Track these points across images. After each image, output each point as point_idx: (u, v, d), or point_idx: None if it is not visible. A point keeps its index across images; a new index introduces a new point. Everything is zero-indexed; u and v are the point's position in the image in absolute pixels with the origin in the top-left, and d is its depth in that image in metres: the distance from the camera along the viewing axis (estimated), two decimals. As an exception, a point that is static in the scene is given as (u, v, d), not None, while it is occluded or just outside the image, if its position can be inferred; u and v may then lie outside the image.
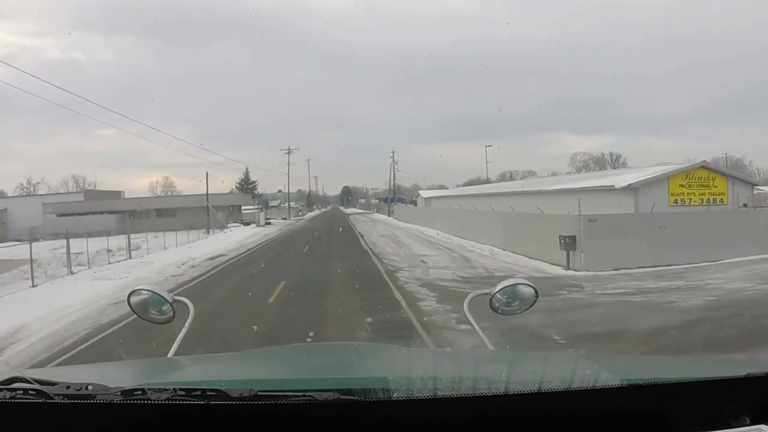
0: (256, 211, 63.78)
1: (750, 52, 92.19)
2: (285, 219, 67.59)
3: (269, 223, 52.98)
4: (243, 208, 63.37)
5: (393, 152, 78.39)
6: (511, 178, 67.26)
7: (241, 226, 47.84)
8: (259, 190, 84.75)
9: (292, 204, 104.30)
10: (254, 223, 50.46)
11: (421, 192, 65.94)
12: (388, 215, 64.69)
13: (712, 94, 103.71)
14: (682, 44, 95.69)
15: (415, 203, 66.82)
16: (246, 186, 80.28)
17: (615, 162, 65.39)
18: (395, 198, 79.28)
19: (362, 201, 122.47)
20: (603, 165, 64.39)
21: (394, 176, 74.78)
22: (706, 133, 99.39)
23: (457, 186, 70.50)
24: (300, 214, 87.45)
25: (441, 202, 49.19)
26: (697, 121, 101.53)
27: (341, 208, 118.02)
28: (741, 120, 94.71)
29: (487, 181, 65.75)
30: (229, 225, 46.57)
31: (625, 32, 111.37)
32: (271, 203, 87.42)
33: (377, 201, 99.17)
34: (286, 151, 78.38)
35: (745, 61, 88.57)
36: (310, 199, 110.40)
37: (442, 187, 72.28)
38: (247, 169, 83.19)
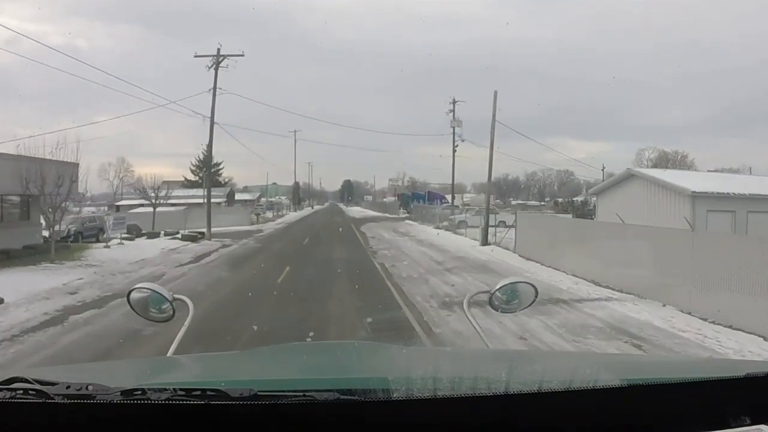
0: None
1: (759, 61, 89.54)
2: (191, 240, 25.58)
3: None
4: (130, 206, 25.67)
5: (454, 101, 40.02)
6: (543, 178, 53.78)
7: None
8: (229, 175, 56.24)
9: (281, 198, 77.71)
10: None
11: (661, 176, 21.18)
12: (513, 250, 19.49)
13: (715, 104, 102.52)
14: (686, 52, 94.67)
15: (541, 208, 35.45)
16: (204, 170, 49.56)
17: (680, 162, 55.49)
18: (422, 195, 48.18)
19: (369, 198, 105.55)
20: (666, 164, 53.71)
21: (458, 131, 32.97)
22: (707, 143, 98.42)
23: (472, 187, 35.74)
24: (260, 218, 47.04)
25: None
26: (697, 132, 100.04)
27: (342, 206, 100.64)
28: (743, 131, 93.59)
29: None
30: None
31: (627, 38, 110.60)
32: (241, 196, 60.87)
33: (395, 198, 72.83)
34: (212, 61, 28.48)
35: (749, 72, 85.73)
36: (297, 193, 79.47)
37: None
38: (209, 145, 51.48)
